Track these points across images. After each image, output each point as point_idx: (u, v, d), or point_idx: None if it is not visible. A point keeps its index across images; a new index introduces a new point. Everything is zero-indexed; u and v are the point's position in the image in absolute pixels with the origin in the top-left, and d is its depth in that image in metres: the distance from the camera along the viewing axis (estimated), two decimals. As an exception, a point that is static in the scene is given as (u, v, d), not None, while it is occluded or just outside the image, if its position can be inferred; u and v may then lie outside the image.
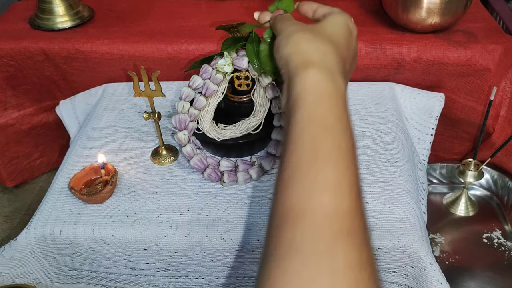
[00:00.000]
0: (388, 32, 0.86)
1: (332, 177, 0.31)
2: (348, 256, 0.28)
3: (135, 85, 0.66)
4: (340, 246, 0.28)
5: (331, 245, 0.28)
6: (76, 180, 0.67)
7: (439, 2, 0.79)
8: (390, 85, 0.83)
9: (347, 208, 0.30)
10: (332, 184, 0.31)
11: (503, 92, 0.86)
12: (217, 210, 0.63)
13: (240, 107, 0.70)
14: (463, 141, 0.95)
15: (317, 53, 0.40)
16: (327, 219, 0.29)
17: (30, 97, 0.96)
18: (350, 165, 0.32)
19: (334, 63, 0.40)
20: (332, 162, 0.32)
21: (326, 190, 0.30)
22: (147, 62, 0.87)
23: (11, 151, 0.99)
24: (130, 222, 0.63)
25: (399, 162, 0.69)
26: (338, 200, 0.30)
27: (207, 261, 0.63)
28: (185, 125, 0.66)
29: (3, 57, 0.88)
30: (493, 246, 0.85)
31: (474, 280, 0.80)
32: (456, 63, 0.83)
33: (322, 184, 0.31)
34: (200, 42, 0.85)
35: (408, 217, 0.62)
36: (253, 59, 0.60)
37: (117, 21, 0.94)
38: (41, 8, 0.91)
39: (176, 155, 0.72)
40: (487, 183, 0.95)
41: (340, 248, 0.28)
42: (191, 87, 0.66)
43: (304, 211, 0.30)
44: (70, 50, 0.87)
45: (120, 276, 0.66)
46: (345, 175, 0.32)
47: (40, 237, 0.63)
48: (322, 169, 0.31)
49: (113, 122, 0.79)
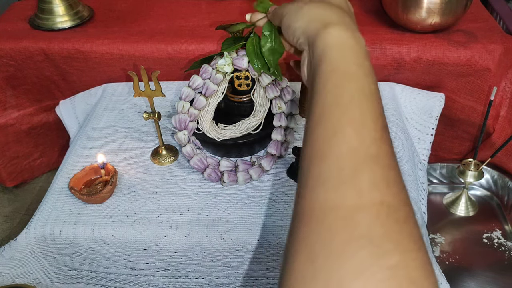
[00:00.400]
0: (388, 32, 0.86)
1: (355, 115, 0.32)
2: (373, 175, 0.29)
3: (135, 85, 0.66)
4: (365, 168, 0.29)
5: (355, 170, 0.29)
6: (76, 180, 0.67)
7: (439, 2, 0.79)
8: (390, 85, 0.83)
9: (372, 138, 0.31)
10: (357, 120, 0.32)
11: (503, 92, 0.86)
12: (217, 210, 0.63)
13: (240, 107, 0.69)
14: (463, 141, 0.95)
15: (332, 14, 0.42)
16: (352, 151, 0.30)
17: (30, 97, 0.96)
18: (373, 103, 0.34)
19: (348, 20, 0.42)
20: (356, 102, 0.33)
21: (351, 125, 0.32)
22: (147, 62, 0.87)
23: (11, 151, 0.99)
24: (130, 222, 0.62)
25: (399, 162, 0.69)
26: (363, 132, 0.31)
27: (207, 261, 0.63)
28: (185, 125, 0.66)
29: (3, 57, 0.88)
30: (493, 246, 0.85)
31: (474, 280, 0.80)
32: (456, 63, 0.83)
33: (347, 121, 0.32)
34: (200, 42, 0.85)
35: (408, 217, 0.61)
36: (253, 59, 0.60)
37: (117, 21, 0.94)
38: (41, 8, 0.91)
39: (176, 155, 0.72)
40: (487, 183, 0.95)
41: (365, 169, 0.29)
42: (191, 87, 0.66)
43: (330, 147, 0.31)
44: (70, 50, 0.87)
45: (120, 276, 0.65)
46: (369, 111, 0.33)
47: (40, 237, 0.63)
48: (346, 109, 0.33)
49: (113, 122, 0.79)
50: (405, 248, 0.26)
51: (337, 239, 0.27)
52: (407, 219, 0.28)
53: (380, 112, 0.34)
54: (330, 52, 0.38)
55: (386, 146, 0.32)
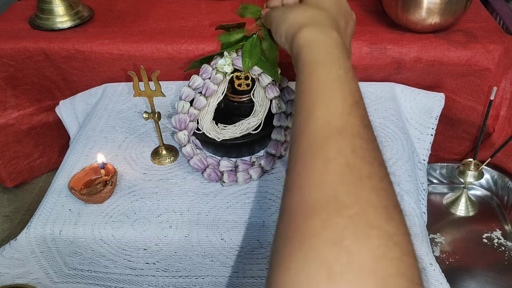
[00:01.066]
0: (388, 32, 0.86)
1: (324, 96, 0.38)
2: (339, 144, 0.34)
3: (135, 85, 0.66)
4: (332, 139, 0.35)
5: (324, 142, 0.35)
6: (76, 180, 0.67)
7: (439, 2, 0.79)
8: (390, 85, 0.83)
9: (340, 113, 0.36)
10: (326, 100, 0.37)
11: (503, 92, 0.86)
12: (217, 210, 0.63)
13: (240, 107, 0.69)
14: (463, 141, 0.95)
15: (306, 18, 0.46)
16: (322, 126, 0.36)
17: (30, 97, 0.96)
18: (342, 84, 0.38)
19: (323, 20, 0.46)
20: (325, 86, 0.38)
21: (321, 105, 0.37)
22: (147, 62, 0.87)
23: (11, 151, 0.99)
24: (130, 222, 0.62)
25: (399, 162, 0.69)
26: (331, 109, 0.37)
27: (207, 261, 0.63)
28: (185, 125, 0.66)
29: (3, 57, 0.88)
30: (493, 246, 0.85)
31: (474, 280, 0.80)
32: (456, 63, 0.83)
33: (318, 103, 0.37)
34: (200, 42, 0.85)
35: (408, 217, 0.62)
36: (246, 58, 0.61)
37: (117, 21, 0.94)
38: (41, 8, 0.91)
39: (176, 155, 0.72)
40: (487, 183, 0.95)
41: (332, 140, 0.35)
42: (191, 87, 0.66)
43: (306, 125, 0.37)
44: (70, 50, 0.87)
45: (120, 276, 0.65)
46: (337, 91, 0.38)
47: (40, 237, 0.63)
48: (317, 93, 0.38)
49: (113, 122, 0.79)
50: (366, 199, 0.31)
51: (308, 200, 0.32)
52: (371, 176, 0.33)
53: (351, 90, 0.38)
54: (302, 50, 0.43)
55: (354, 118, 0.36)
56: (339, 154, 0.33)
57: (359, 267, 0.27)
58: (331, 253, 0.28)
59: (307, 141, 0.36)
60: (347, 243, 0.28)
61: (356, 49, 0.83)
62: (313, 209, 0.31)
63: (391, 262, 0.28)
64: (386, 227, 0.29)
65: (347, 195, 0.31)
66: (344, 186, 0.32)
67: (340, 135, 0.35)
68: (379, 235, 0.29)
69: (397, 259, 0.28)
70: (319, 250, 0.28)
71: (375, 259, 0.28)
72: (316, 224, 0.30)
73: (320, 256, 0.28)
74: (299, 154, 0.36)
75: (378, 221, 0.30)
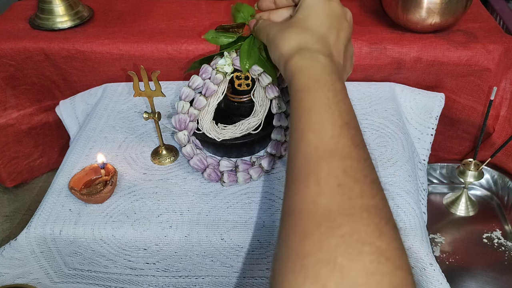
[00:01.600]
0: (388, 32, 0.86)
1: (315, 121, 0.39)
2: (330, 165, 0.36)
3: (135, 85, 0.66)
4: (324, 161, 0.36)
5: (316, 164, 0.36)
6: (76, 180, 0.67)
7: (439, 2, 0.79)
8: (390, 85, 0.83)
9: (330, 136, 0.38)
10: (316, 125, 0.39)
11: (503, 92, 0.86)
12: (217, 210, 0.63)
13: (240, 107, 0.69)
14: (463, 141, 0.95)
15: (294, 46, 0.48)
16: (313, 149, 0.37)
17: (30, 97, 0.96)
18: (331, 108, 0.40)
19: (311, 44, 0.47)
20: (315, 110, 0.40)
21: (311, 130, 0.39)
22: (147, 62, 0.87)
23: (11, 151, 0.99)
24: (130, 222, 0.62)
25: (399, 162, 0.69)
26: (321, 133, 0.38)
27: (207, 261, 0.63)
28: (185, 125, 0.66)
29: (3, 57, 0.88)
30: (493, 246, 0.85)
31: (474, 280, 0.80)
32: (456, 63, 0.83)
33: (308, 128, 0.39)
34: (200, 42, 0.85)
35: (408, 217, 0.62)
36: (244, 59, 0.61)
37: (117, 21, 0.94)
38: (41, 8, 0.91)
39: (176, 155, 0.72)
40: (487, 183, 0.95)
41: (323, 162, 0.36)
42: (191, 87, 0.66)
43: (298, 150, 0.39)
44: (70, 50, 0.87)
45: (120, 276, 0.66)
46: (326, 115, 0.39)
47: (40, 237, 0.63)
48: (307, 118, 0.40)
49: (113, 122, 0.79)
50: (357, 218, 0.32)
51: (304, 221, 0.33)
52: (363, 194, 0.34)
53: (340, 112, 0.40)
54: (292, 79, 0.45)
55: (344, 139, 0.38)
56: (331, 175, 0.35)
57: (353, 282, 0.29)
58: (325, 272, 0.29)
59: (300, 164, 0.37)
60: (340, 260, 0.30)
61: (356, 49, 0.83)
62: (306, 231, 0.32)
63: (384, 277, 0.29)
64: (378, 243, 0.31)
65: (339, 214, 0.32)
66: (336, 206, 0.33)
67: (331, 156, 0.36)
68: (371, 251, 0.30)
69: (390, 273, 0.29)
70: (313, 269, 0.30)
71: (368, 274, 0.29)
72: (310, 245, 0.31)
73: (314, 275, 0.29)
74: (292, 178, 0.38)
75: (370, 238, 0.31)
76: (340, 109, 0.40)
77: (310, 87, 0.42)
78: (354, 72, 0.85)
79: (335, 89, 0.42)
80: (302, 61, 0.45)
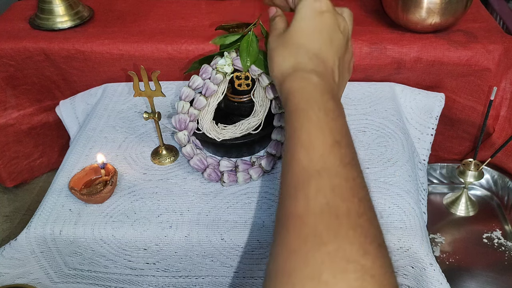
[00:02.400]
0: (388, 32, 0.86)
1: (305, 140, 0.40)
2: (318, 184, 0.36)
3: (135, 85, 0.66)
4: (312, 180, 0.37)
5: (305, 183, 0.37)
6: (76, 180, 0.67)
7: (439, 2, 0.79)
8: (390, 85, 0.83)
9: (319, 155, 0.38)
10: (306, 144, 0.40)
11: (503, 92, 0.86)
12: (217, 210, 0.63)
13: (240, 107, 0.69)
14: (463, 141, 0.95)
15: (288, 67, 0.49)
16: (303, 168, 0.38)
17: (30, 97, 0.96)
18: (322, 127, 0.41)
19: (304, 64, 0.48)
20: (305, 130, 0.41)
21: (301, 149, 0.40)
22: (147, 62, 0.87)
23: (11, 151, 0.99)
24: (130, 222, 0.62)
25: (399, 162, 0.69)
26: (311, 152, 0.39)
27: (207, 261, 0.63)
28: (185, 125, 0.66)
29: (3, 57, 0.88)
30: (493, 246, 0.85)
31: (474, 280, 0.80)
32: (456, 63, 0.83)
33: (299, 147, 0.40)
34: (200, 42, 0.85)
35: (408, 217, 0.62)
36: (244, 57, 0.61)
37: (117, 21, 0.94)
38: (41, 8, 0.91)
39: (176, 155, 0.72)
40: (487, 183, 0.95)
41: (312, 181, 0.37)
42: (191, 87, 0.66)
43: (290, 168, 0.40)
44: (70, 50, 0.87)
45: (120, 276, 0.66)
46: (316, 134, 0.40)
47: (40, 237, 0.63)
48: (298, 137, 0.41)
49: (113, 122, 0.79)
50: (343, 236, 0.33)
51: (291, 238, 0.34)
52: (350, 213, 0.35)
53: (331, 130, 0.41)
54: (286, 101, 0.46)
55: (334, 159, 0.38)
56: (319, 193, 0.36)
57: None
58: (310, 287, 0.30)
59: (290, 182, 0.39)
60: (325, 277, 0.30)
61: (356, 49, 0.83)
62: (293, 247, 0.33)
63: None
64: (363, 262, 0.31)
65: (326, 232, 0.33)
66: (323, 224, 0.34)
67: (319, 175, 0.37)
68: (356, 269, 0.31)
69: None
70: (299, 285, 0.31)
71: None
72: (296, 261, 0.32)
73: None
74: (283, 195, 0.39)
75: (355, 256, 0.32)
76: (331, 128, 0.41)
77: (302, 108, 0.43)
78: (354, 72, 0.85)
79: (326, 108, 0.42)
80: (294, 82, 0.46)
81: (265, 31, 0.62)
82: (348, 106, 0.79)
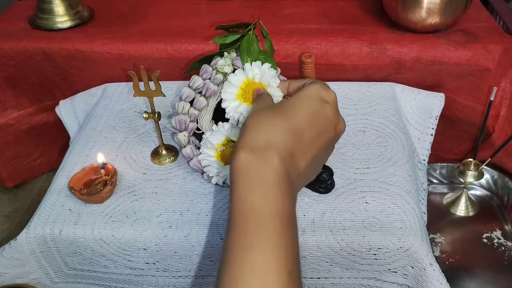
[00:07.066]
0: (388, 32, 0.86)
1: (258, 262, 0.34)
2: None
3: (135, 85, 0.66)
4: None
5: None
6: (76, 180, 0.67)
7: (439, 2, 0.79)
8: (390, 85, 0.83)
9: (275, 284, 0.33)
10: (258, 268, 0.34)
11: (503, 92, 0.86)
12: (217, 210, 0.63)
13: (240, 107, 0.69)
14: (463, 141, 0.95)
15: (249, 136, 0.41)
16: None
17: (29, 97, 0.96)
18: (279, 240, 0.35)
19: (275, 137, 0.41)
20: (258, 245, 0.35)
21: (252, 274, 0.34)
22: (147, 62, 0.87)
23: (11, 151, 0.99)
24: (130, 222, 0.63)
25: (399, 162, 0.69)
26: (265, 281, 0.33)
27: (207, 261, 0.63)
28: (185, 126, 0.66)
29: (3, 57, 0.88)
30: (493, 246, 0.85)
31: (474, 280, 0.80)
32: (456, 63, 0.83)
33: (249, 269, 0.34)
34: (200, 42, 0.85)
35: (408, 217, 0.62)
36: (245, 56, 0.61)
37: (117, 21, 0.94)
38: (41, 8, 0.91)
39: (176, 155, 0.72)
40: (487, 183, 0.95)
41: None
42: (192, 88, 0.66)
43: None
44: (70, 50, 0.87)
45: (120, 276, 0.66)
46: (272, 254, 0.34)
47: (40, 237, 0.63)
48: (249, 254, 0.34)
49: (113, 122, 0.79)
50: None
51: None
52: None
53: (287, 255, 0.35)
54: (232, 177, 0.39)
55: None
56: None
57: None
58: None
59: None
60: None
61: (356, 49, 0.83)
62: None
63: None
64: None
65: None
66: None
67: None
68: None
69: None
70: None
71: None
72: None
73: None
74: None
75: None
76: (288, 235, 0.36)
77: (256, 205, 0.36)
78: (354, 72, 0.85)
79: (284, 212, 0.37)
80: (252, 157, 0.39)
81: (265, 31, 0.62)
82: (348, 106, 0.79)
